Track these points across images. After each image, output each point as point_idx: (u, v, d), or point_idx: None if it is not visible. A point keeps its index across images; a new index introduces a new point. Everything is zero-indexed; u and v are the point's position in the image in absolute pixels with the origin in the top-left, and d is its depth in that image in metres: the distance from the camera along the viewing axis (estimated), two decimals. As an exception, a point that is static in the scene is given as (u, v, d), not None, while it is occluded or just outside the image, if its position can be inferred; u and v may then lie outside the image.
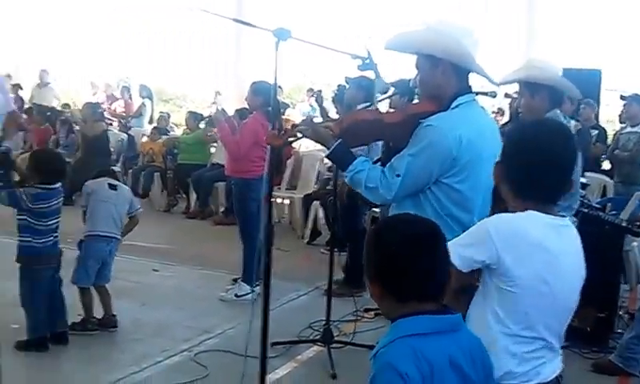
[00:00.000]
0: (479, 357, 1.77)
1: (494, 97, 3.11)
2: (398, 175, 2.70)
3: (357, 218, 6.40)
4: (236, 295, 5.89)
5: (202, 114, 11.13)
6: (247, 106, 6.67)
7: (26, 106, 13.33)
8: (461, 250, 1.97)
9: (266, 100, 5.71)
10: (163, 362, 4.56)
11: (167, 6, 20.60)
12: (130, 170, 10.96)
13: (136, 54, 21.17)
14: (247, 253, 5.86)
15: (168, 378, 4.27)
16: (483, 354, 1.80)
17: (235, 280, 6.12)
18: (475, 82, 2.84)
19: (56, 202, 4.49)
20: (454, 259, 1.86)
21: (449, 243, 1.78)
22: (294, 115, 13.16)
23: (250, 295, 5.57)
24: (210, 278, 6.60)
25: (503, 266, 1.97)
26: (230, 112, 7.83)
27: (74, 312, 4.89)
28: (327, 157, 2.98)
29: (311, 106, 13.79)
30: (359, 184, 2.80)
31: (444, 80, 2.73)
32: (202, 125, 10.65)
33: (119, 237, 5.08)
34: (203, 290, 6.20)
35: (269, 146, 3.44)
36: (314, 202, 8.38)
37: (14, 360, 4.13)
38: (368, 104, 4.07)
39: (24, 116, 12.42)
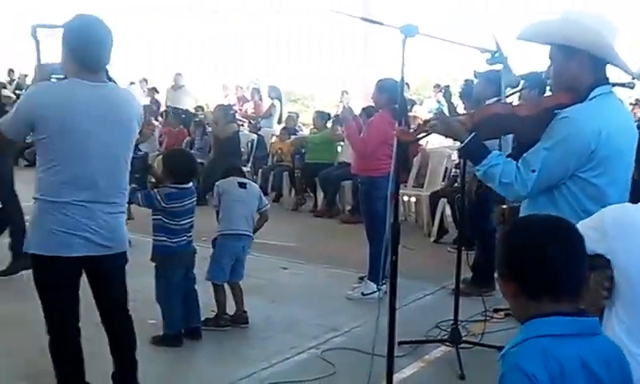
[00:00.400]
0: (616, 363, 1.67)
1: (632, 88, 2.93)
2: (533, 170, 2.62)
3: (486, 215, 6.22)
4: (362, 293, 5.89)
5: (329, 114, 11.22)
6: (373, 104, 6.66)
7: (162, 109, 13.97)
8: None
9: (391, 97, 5.67)
10: (292, 358, 4.62)
11: (294, 9, 20.96)
12: (260, 170, 11.23)
13: (265, 56, 21.68)
14: (373, 251, 5.84)
15: (296, 375, 4.32)
16: (622, 360, 1.69)
17: (362, 278, 6.12)
18: (611, 73, 2.70)
19: (189, 201, 4.65)
20: None
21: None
22: (421, 112, 13.01)
23: (377, 294, 5.54)
24: (337, 276, 6.64)
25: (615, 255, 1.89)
26: (357, 111, 7.84)
27: (207, 309, 5.05)
28: (460, 150, 2.92)
29: (438, 101, 13.60)
30: (493, 179, 2.72)
31: (580, 71, 2.63)
32: (329, 124, 10.74)
33: (251, 234, 5.20)
34: (330, 288, 6.24)
35: (395, 143, 3.41)
36: (441, 200, 8.24)
37: (150, 354, 4.31)
38: (497, 98, 3.95)
39: (159, 119, 13.04)
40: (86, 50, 3.09)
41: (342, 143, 10.26)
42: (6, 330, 4.73)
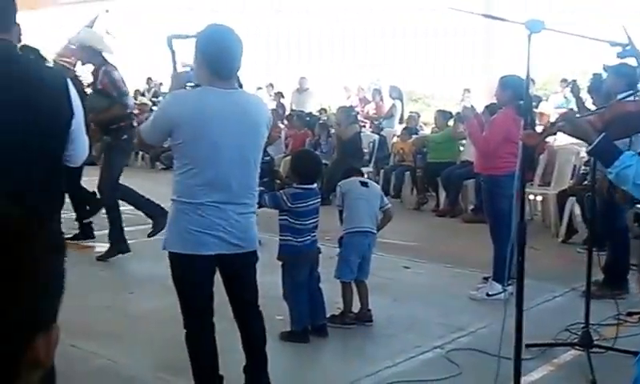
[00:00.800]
0: None
1: None
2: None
3: (618, 214, 5.98)
4: (487, 294, 5.80)
5: (450, 112, 11.10)
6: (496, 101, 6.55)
7: (287, 113, 14.30)
8: None
9: (515, 94, 5.56)
10: (416, 357, 4.63)
11: (414, 7, 20.85)
12: (382, 170, 11.27)
13: (386, 56, 21.70)
14: (498, 251, 5.74)
15: (420, 374, 4.33)
16: None
17: (486, 278, 6.03)
18: None
19: (313, 202, 4.76)
20: None
21: None
22: (547, 108, 12.61)
23: (502, 294, 5.44)
24: (459, 275, 6.58)
25: None
26: (480, 108, 7.73)
27: (331, 306, 5.14)
28: (589, 152, 2.83)
29: (565, 97, 13.13)
30: (626, 181, 2.62)
31: None
32: (450, 122, 10.63)
33: (376, 232, 5.25)
34: (454, 288, 6.19)
35: (521, 143, 3.36)
36: (570, 198, 7.97)
37: (278, 349, 4.45)
38: (630, 93, 3.80)
39: (284, 122, 13.35)
40: (219, 58, 3.25)
41: (464, 142, 10.13)
42: (148, 324, 5.02)
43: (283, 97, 15.88)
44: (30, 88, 2.69)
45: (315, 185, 4.87)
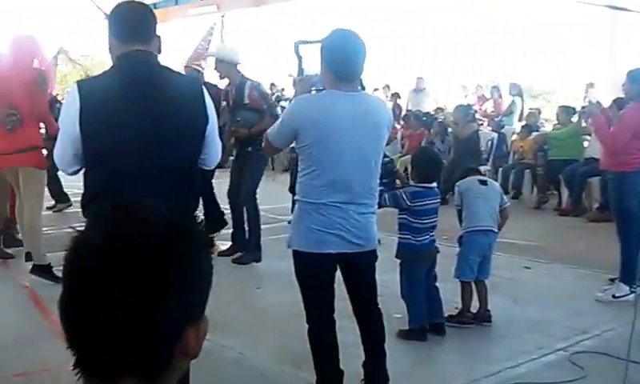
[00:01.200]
0: None
1: None
2: None
3: None
4: (614, 296, 5.60)
5: (573, 108, 10.74)
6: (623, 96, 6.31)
7: (403, 114, 14.29)
8: None
9: (645, 88, 5.34)
10: (539, 359, 4.54)
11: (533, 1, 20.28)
12: (500, 169, 11.06)
13: (503, 53, 21.23)
14: (626, 251, 5.53)
15: (543, 376, 4.25)
16: None
17: (612, 280, 5.82)
18: None
19: (432, 201, 4.76)
20: None
21: None
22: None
23: (631, 296, 5.25)
24: (583, 276, 6.38)
25: None
26: (605, 104, 7.46)
27: (448, 306, 5.12)
28: None
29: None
30: None
31: None
32: (574, 118, 10.29)
33: (497, 231, 5.19)
34: (577, 289, 6.01)
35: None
36: None
37: (396, 346, 4.48)
38: None
39: (401, 122, 13.34)
40: (343, 62, 3.34)
41: (588, 138, 9.78)
42: (274, 318, 5.18)
43: (399, 97, 15.88)
44: (169, 96, 2.84)
45: (435, 184, 4.88)
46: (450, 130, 11.42)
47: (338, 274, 3.57)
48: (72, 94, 2.83)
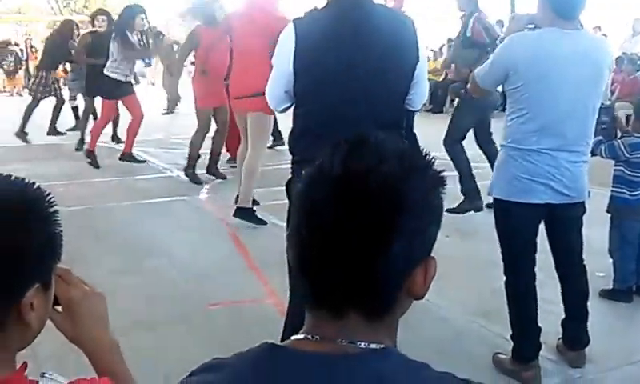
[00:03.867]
0: None
1: None
2: None
3: None
4: None
5: None
6: None
7: (616, 56, 13.25)
8: None
9: None
10: None
11: None
12: None
13: None
14: None
15: None
16: None
17: None
18: None
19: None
20: None
21: None
22: None
23: None
24: None
25: None
26: None
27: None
28: None
29: None
30: None
31: None
32: None
33: None
34: None
35: None
36: None
37: (598, 306, 4.19)
38: None
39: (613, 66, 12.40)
40: None
41: None
42: (464, 268, 5.03)
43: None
44: (381, 32, 2.80)
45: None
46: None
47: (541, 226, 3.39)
48: (288, 32, 2.85)
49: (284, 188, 2.84)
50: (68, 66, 12.01)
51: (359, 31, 2.78)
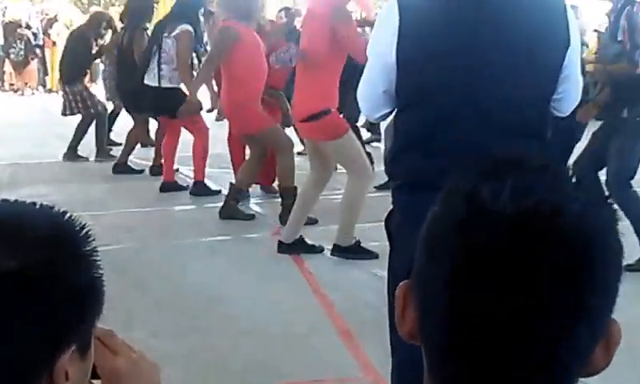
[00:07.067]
0: None
1: None
2: None
3: None
4: None
5: None
6: None
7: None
8: None
9: None
10: None
11: None
12: None
13: None
14: None
15: None
16: None
17: None
18: None
19: None
20: None
21: None
22: None
23: None
24: None
25: None
26: None
27: None
28: None
29: None
30: None
31: None
32: None
33: None
34: None
35: None
36: None
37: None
38: None
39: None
40: None
41: None
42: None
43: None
44: (514, 11, 2.06)
45: None
46: None
47: None
48: (389, 9, 2.14)
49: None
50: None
51: (483, 10, 2.03)
